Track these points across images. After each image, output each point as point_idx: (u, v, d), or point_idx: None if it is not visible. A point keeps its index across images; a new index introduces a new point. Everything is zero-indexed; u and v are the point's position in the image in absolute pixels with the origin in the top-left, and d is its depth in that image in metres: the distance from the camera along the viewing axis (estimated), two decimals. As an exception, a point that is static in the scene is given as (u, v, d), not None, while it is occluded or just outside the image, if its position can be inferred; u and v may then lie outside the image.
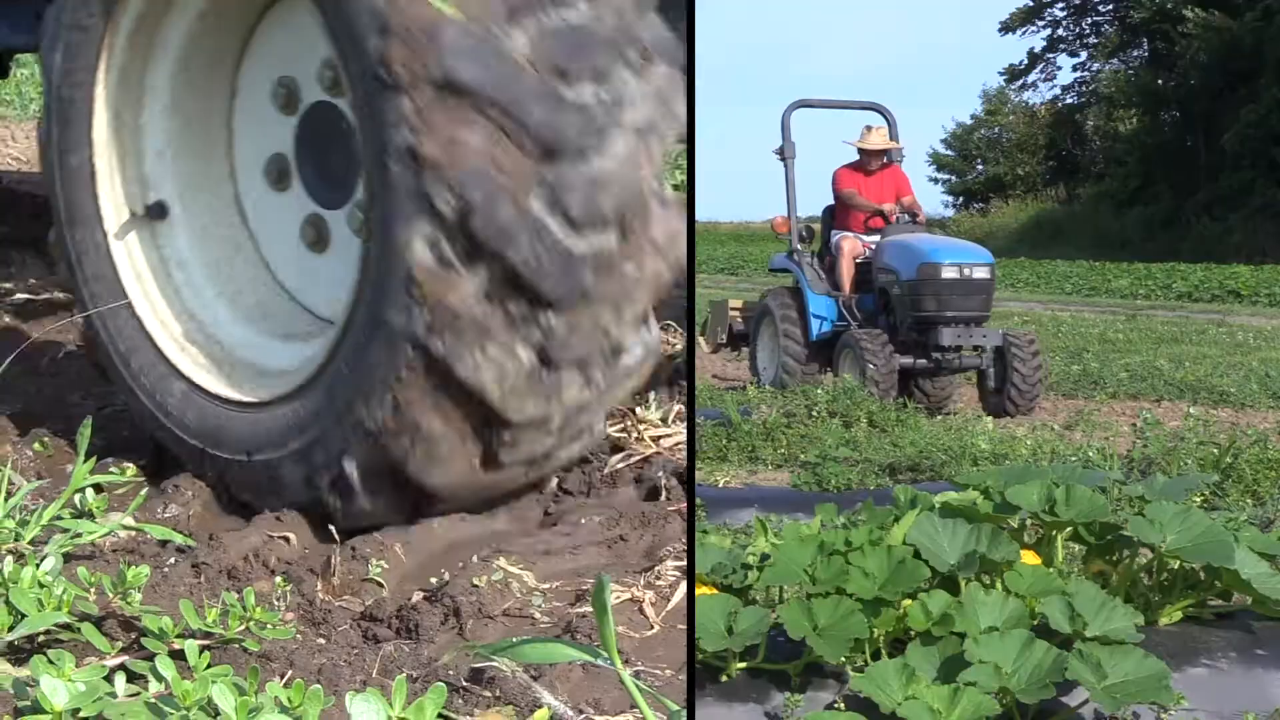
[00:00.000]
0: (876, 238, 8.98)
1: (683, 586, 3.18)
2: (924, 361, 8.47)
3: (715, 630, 2.50)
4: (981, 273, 8.52)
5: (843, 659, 2.47)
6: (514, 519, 3.66)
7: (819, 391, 7.32)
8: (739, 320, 9.66)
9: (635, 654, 2.83)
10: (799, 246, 9.26)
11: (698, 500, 3.93)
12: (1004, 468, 3.37)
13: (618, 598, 3.05)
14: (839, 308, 8.90)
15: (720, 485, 5.48)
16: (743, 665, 2.55)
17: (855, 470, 5.52)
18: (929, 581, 2.61)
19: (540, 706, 2.49)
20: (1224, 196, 33.53)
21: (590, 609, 2.90)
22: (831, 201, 9.40)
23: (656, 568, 3.28)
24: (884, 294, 8.76)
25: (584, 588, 3.10)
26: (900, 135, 9.47)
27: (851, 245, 9.02)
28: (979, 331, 8.43)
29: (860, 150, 9.25)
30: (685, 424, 3.89)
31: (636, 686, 2.10)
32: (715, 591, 2.66)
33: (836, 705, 2.47)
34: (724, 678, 2.54)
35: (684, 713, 2.15)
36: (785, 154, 9.42)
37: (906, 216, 8.99)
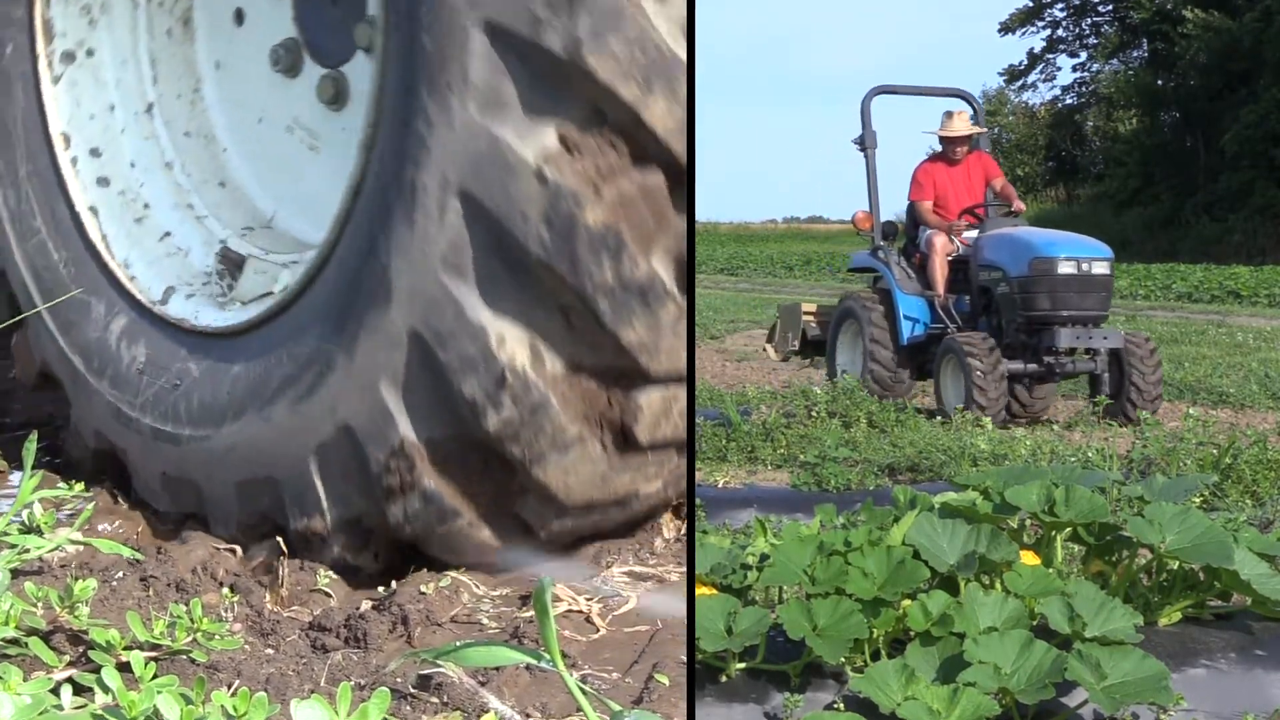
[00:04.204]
0: (971, 233, 8.35)
1: (633, 593, 3.19)
2: (1034, 366, 7.82)
3: (715, 630, 2.49)
4: (1101, 268, 7.85)
5: (842, 659, 2.47)
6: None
7: (818, 391, 7.31)
8: (814, 325, 9.00)
9: (582, 658, 2.84)
10: (882, 243, 8.59)
11: (697, 501, 3.93)
12: (1003, 468, 3.37)
13: (569, 606, 3.06)
14: (932, 309, 8.25)
15: (719, 485, 5.48)
16: (742, 666, 2.54)
17: (855, 471, 5.52)
18: (928, 582, 2.61)
19: (487, 711, 2.49)
20: (1224, 197, 33.59)
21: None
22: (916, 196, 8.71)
23: (603, 573, 3.29)
24: (986, 293, 8.12)
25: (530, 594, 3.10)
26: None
27: (944, 242, 8.33)
28: (1099, 333, 7.75)
29: (943, 139, 8.64)
30: (685, 423, 3.89)
31: (579, 687, 2.11)
32: (715, 592, 2.66)
33: (836, 706, 2.46)
34: (723, 678, 2.54)
35: (625, 713, 2.16)
36: (866, 144, 8.74)
37: (963, 226, 8.38)
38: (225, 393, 3.45)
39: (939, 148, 8.74)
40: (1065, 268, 7.77)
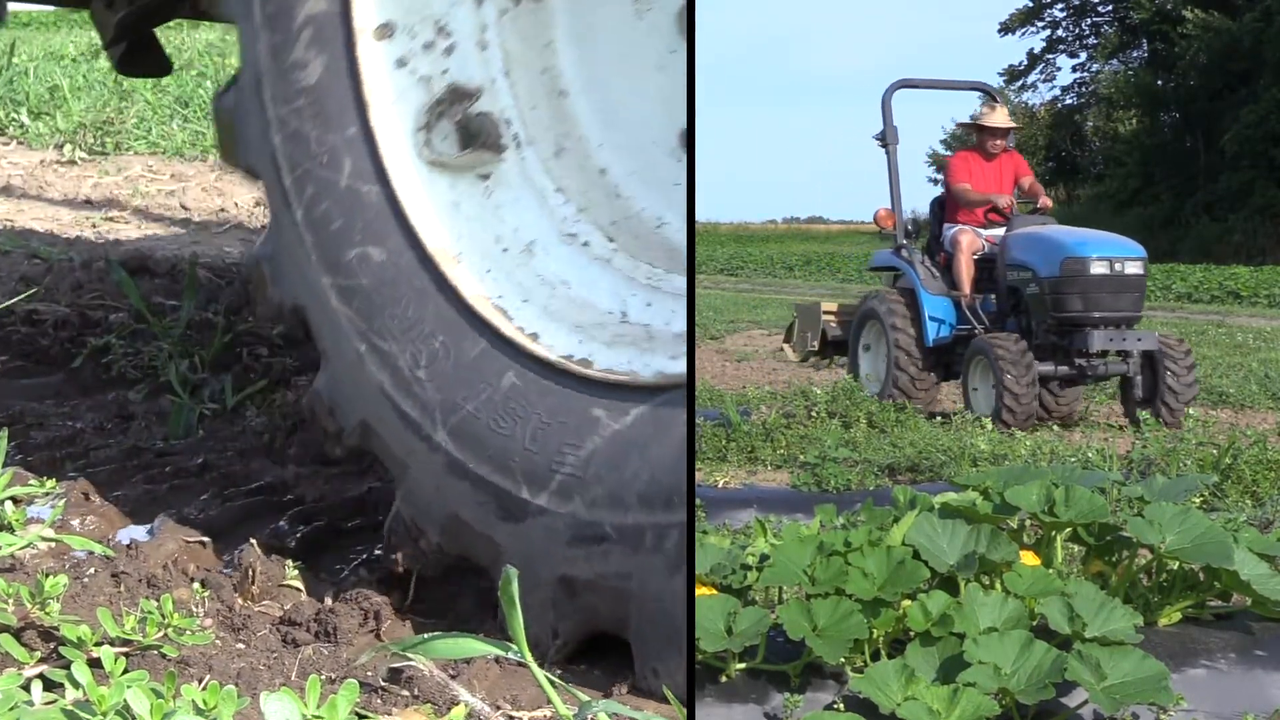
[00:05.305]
0: (998, 231, 8.11)
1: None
2: (1065, 368, 7.63)
3: (714, 631, 2.49)
4: (1134, 268, 7.67)
5: (842, 660, 2.47)
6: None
7: (818, 391, 7.30)
8: (834, 325, 8.73)
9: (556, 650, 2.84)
10: (905, 242, 8.33)
11: (697, 500, 3.93)
12: (1003, 468, 3.37)
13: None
14: (958, 310, 8.01)
15: (719, 486, 5.48)
16: (742, 666, 2.54)
17: (855, 471, 5.52)
18: (928, 582, 2.61)
19: (457, 704, 2.49)
20: (1224, 197, 33.58)
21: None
22: (941, 193, 8.57)
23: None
24: (1014, 293, 7.91)
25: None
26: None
27: (970, 240, 8.10)
28: (1132, 334, 7.58)
29: (984, 129, 8.39)
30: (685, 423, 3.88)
31: (548, 679, 2.11)
32: (714, 592, 2.66)
33: (836, 706, 2.47)
34: (723, 678, 2.54)
35: (593, 704, 2.16)
36: (887, 139, 8.52)
37: (1007, 201, 8.11)
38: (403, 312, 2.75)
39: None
40: (1098, 268, 7.59)
